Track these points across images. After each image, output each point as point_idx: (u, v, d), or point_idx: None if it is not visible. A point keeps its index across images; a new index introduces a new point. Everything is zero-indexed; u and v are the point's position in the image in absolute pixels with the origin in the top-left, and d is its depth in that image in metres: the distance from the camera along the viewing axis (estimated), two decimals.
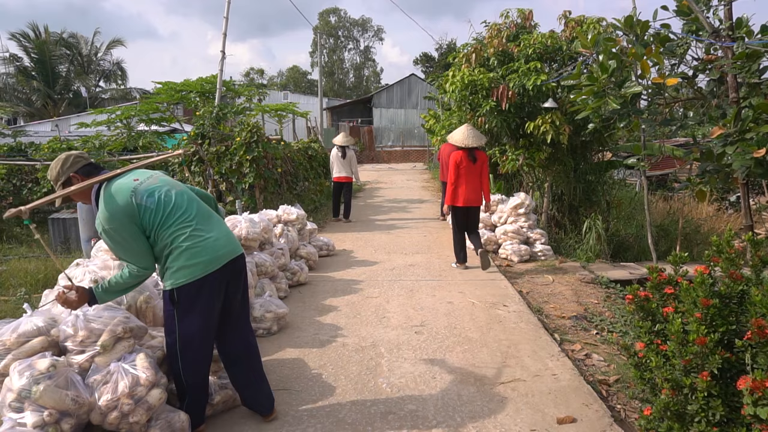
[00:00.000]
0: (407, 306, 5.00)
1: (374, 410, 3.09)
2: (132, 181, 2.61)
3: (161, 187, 2.67)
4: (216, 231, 2.71)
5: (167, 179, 2.79)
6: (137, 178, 2.66)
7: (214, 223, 2.76)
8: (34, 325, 2.56)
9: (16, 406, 2.23)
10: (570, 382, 3.40)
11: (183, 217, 2.62)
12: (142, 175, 2.70)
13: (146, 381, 2.45)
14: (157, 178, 2.73)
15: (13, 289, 6.44)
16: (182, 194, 2.73)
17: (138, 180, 2.64)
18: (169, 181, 2.78)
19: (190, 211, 2.67)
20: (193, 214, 2.67)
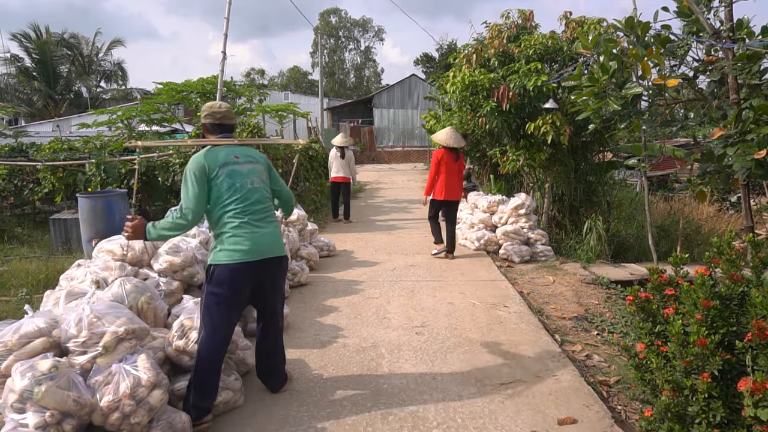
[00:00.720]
0: (408, 307, 5.01)
1: (375, 411, 3.09)
2: (232, 158, 3.01)
3: (244, 176, 3.01)
4: (265, 231, 3.01)
5: (258, 173, 3.12)
6: (237, 156, 3.04)
7: (268, 224, 3.05)
8: (35, 326, 2.57)
9: (18, 406, 2.23)
10: (570, 383, 3.41)
11: (242, 208, 2.94)
12: (243, 158, 3.07)
13: (147, 382, 2.45)
14: (249, 167, 3.07)
15: (14, 290, 6.44)
16: (255, 191, 3.03)
17: (237, 157, 3.03)
18: (257, 174, 3.11)
19: (251, 207, 2.98)
20: (252, 210, 2.98)
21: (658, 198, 13.90)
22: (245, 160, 3.06)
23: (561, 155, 8.89)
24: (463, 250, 7.55)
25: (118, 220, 7.17)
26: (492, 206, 7.84)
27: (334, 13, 61.84)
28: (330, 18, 61.30)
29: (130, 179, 10.13)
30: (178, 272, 3.85)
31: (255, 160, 3.15)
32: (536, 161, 8.63)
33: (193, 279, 3.90)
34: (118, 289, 3.18)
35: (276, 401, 3.22)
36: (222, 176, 2.92)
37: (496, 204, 7.84)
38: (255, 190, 3.02)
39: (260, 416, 3.04)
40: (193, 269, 3.88)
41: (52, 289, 6.54)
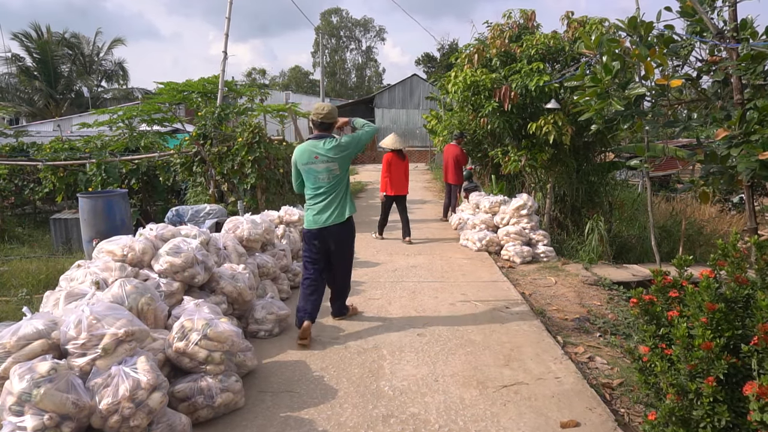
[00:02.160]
0: (409, 308, 4.99)
1: (376, 413, 3.07)
2: (312, 158, 4.22)
3: (317, 166, 4.22)
4: (327, 207, 4.26)
5: (329, 167, 4.23)
6: (317, 156, 4.22)
7: (330, 202, 4.27)
8: (34, 328, 2.55)
9: (16, 409, 2.22)
10: (573, 386, 3.38)
11: (314, 189, 4.28)
12: (321, 158, 4.21)
13: (147, 384, 2.43)
14: (323, 163, 4.22)
15: (14, 290, 6.43)
16: (322, 178, 4.25)
17: (317, 158, 4.21)
18: (328, 169, 4.24)
19: (318, 188, 4.26)
20: (319, 191, 4.26)
21: (660, 198, 13.87)
22: (323, 160, 4.20)
23: (563, 155, 8.86)
24: (465, 250, 7.53)
25: (119, 220, 7.16)
26: (494, 207, 7.82)
27: (335, 13, 61.81)
28: (331, 18, 61.28)
29: (131, 179, 10.13)
30: (178, 273, 3.83)
31: (330, 159, 4.21)
32: (538, 161, 8.61)
33: (193, 280, 3.87)
34: (118, 290, 3.16)
35: (276, 402, 3.20)
36: (304, 172, 4.31)
37: (498, 204, 7.82)
38: (321, 177, 4.24)
39: (261, 419, 3.02)
40: (193, 270, 3.86)
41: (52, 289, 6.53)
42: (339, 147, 4.21)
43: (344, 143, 4.23)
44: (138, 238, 4.03)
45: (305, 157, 4.23)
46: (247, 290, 4.14)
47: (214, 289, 4.07)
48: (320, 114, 4.22)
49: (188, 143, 9.05)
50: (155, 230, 4.24)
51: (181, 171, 9.33)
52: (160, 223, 4.56)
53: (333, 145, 4.19)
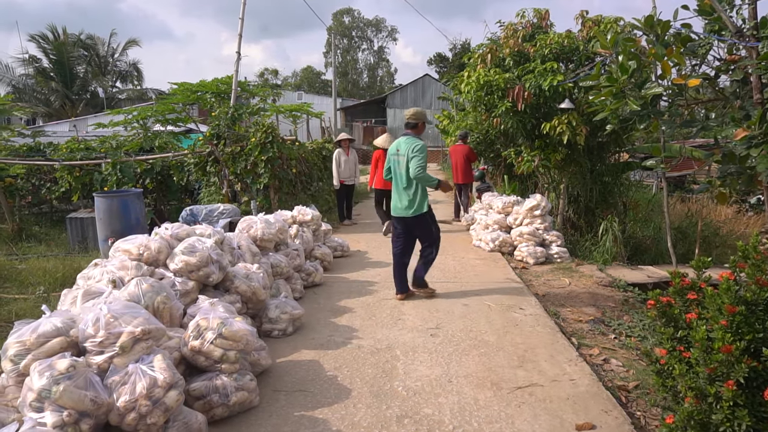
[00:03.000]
0: (422, 308, 4.98)
1: (390, 414, 3.07)
2: (395, 150, 5.17)
3: (397, 158, 5.13)
4: (397, 197, 5.17)
5: (402, 163, 5.04)
6: (399, 149, 5.12)
7: (399, 193, 5.12)
8: (53, 326, 2.58)
9: (36, 405, 2.24)
10: (588, 388, 3.36)
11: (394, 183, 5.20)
12: (402, 152, 5.06)
13: (164, 382, 2.45)
14: (398, 160, 5.12)
15: (32, 288, 6.52)
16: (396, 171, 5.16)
17: (399, 150, 5.12)
18: (399, 164, 5.11)
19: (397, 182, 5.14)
20: (394, 183, 5.19)
21: (675, 199, 13.71)
22: (401, 154, 5.07)
23: (576, 156, 8.79)
24: (478, 251, 7.50)
25: (134, 219, 7.23)
26: (507, 207, 7.78)
27: (347, 13, 61.96)
28: (343, 18, 61.40)
29: (145, 179, 10.22)
30: (193, 272, 3.85)
31: (402, 153, 5.05)
32: (551, 162, 8.55)
33: (208, 279, 3.90)
34: (134, 289, 3.19)
35: (290, 402, 3.22)
36: (390, 162, 5.24)
37: (511, 205, 7.79)
38: (395, 170, 5.15)
39: (275, 418, 3.03)
40: (208, 269, 3.88)
41: (69, 287, 6.62)
42: (408, 147, 4.99)
43: (410, 153, 4.95)
44: (154, 237, 4.07)
45: (392, 149, 5.21)
46: (261, 289, 4.16)
47: (229, 288, 4.09)
48: (407, 116, 5.26)
49: (202, 143, 9.11)
50: (170, 229, 4.28)
51: (195, 171, 9.39)
52: (174, 223, 4.60)
53: (408, 145, 5.00)
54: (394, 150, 5.17)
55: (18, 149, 12.10)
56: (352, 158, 9.78)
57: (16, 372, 2.45)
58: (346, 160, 9.63)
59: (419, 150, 4.92)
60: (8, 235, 9.76)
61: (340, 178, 9.56)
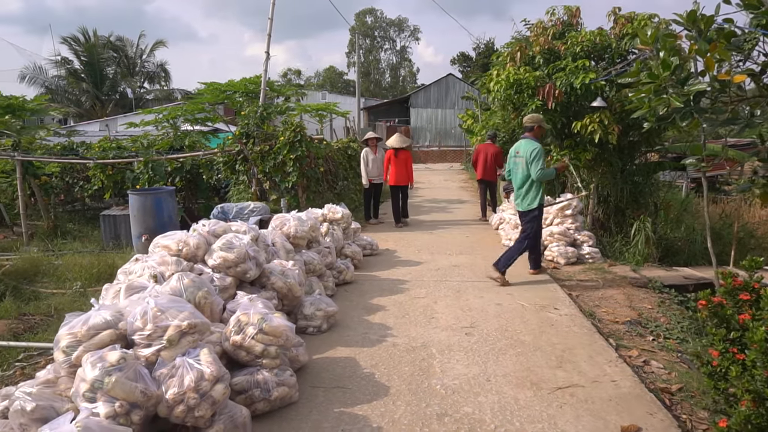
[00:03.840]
0: (455, 307, 4.95)
1: (429, 412, 3.06)
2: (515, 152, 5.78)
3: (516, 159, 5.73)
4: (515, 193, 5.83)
5: (520, 164, 5.64)
6: (518, 151, 5.72)
7: (517, 189, 5.75)
8: (102, 318, 2.62)
9: (89, 396, 2.29)
10: (631, 389, 3.30)
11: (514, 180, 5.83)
12: (521, 153, 5.65)
13: (210, 376, 2.48)
14: (516, 161, 5.73)
15: (69, 283, 6.67)
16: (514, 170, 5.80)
17: (518, 152, 5.70)
18: (517, 164, 5.70)
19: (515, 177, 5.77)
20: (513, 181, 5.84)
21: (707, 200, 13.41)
22: (519, 156, 5.65)
23: (607, 155, 8.66)
24: None
25: (167, 216, 7.34)
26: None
27: (370, 13, 62.05)
28: (366, 18, 61.52)
29: (175, 177, 10.37)
30: (231, 268, 3.90)
31: (521, 155, 5.63)
32: (581, 161, 8.43)
33: (245, 275, 3.93)
34: (176, 284, 3.23)
35: (329, 398, 3.23)
36: (509, 162, 5.84)
37: None
38: (517, 173, 5.69)
39: (315, 414, 3.05)
40: (245, 265, 3.92)
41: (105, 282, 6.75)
42: (525, 150, 5.57)
43: (528, 154, 5.53)
44: (192, 233, 4.12)
45: (512, 150, 5.81)
46: (297, 286, 4.19)
47: (265, 284, 4.12)
48: (525, 120, 5.87)
49: (231, 142, 9.21)
50: (207, 226, 4.33)
51: (224, 169, 9.50)
52: (204, 221, 4.66)
53: (527, 148, 5.56)
54: (514, 152, 5.79)
55: (52, 148, 12.39)
56: (380, 157, 9.77)
57: (68, 363, 2.50)
58: (374, 159, 9.62)
59: (537, 154, 5.48)
60: (44, 231, 10.01)
61: (369, 177, 9.54)
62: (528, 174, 5.60)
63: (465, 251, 7.40)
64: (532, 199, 5.67)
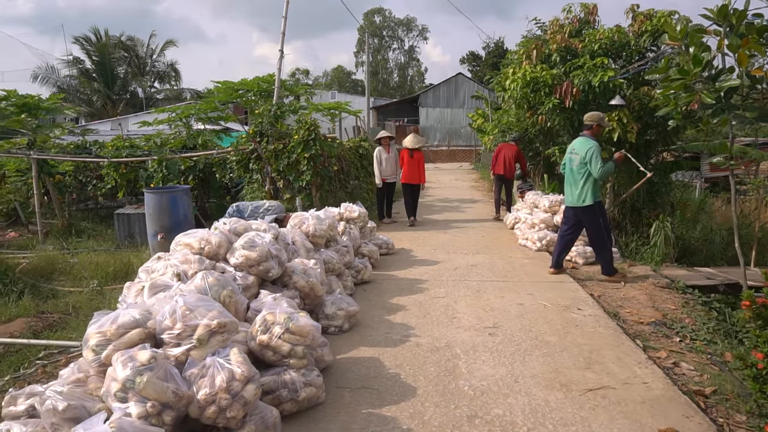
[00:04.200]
0: (476, 307, 4.89)
1: (459, 413, 3.00)
2: (571, 149, 5.83)
3: (570, 155, 5.77)
4: (569, 190, 5.79)
5: (574, 161, 5.67)
6: (574, 149, 5.75)
7: (571, 186, 5.75)
8: (131, 317, 2.59)
9: (120, 396, 2.25)
10: (664, 392, 3.22)
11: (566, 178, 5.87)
12: (576, 150, 5.69)
13: (242, 376, 2.43)
14: (571, 158, 5.74)
15: (86, 281, 6.66)
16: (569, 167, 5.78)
17: (574, 150, 5.76)
18: (571, 159, 5.74)
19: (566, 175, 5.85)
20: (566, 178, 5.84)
21: (721, 200, 13.27)
22: (575, 153, 5.68)
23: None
24: (525, 250, 7.36)
25: (182, 215, 7.32)
26: (554, 206, 7.61)
27: (378, 13, 62.00)
28: (374, 18, 61.47)
29: (188, 176, 10.37)
30: (253, 267, 3.86)
31: (577, 152, 5.66)
32: None
33: (267, 274, 3.89)
34: (200, 282, 3.19)
35: (356, 399, 3.18)
36: (565, 159, 5.91)
37: (558, 204, 7.60)
38: (572, 169, 5.70)
39: (343, 414, 3.00)
40: (268, 264, 3.88)
41: (122, 280, 6.74)
42: (582, 148, 5.59)
43: (585, 149, 5.52)
44: (214, 231, 4.09)
45: (569, 148, 5.88)
46: (319, 285, 4.14)
47: (287, 283, 4.08)
48: (585, 119, 5.86)
49: (245, 140, 9.18)
50: (228, 224, 4.29)
51: (237, 168, 9.48)
52: (224, 219, 4.63)
53: (583, 146, 5.58)
54: (570, 149, 5.83)
55: (65, 147, 12.43)
56: (393, 156, 9.69)
57: (97, 362, 2.47)
58: (387, 158, 9.54)
59: (594, 153, 5.46)
60: (58, 230, 10.04)
61: (382, 176, 9.48)
62: (582, 170, 5.57)
63: (481, 251, 7.33)
64: (586, 194, 5.60)
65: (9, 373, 4.02)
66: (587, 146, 5.53)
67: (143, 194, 11.27)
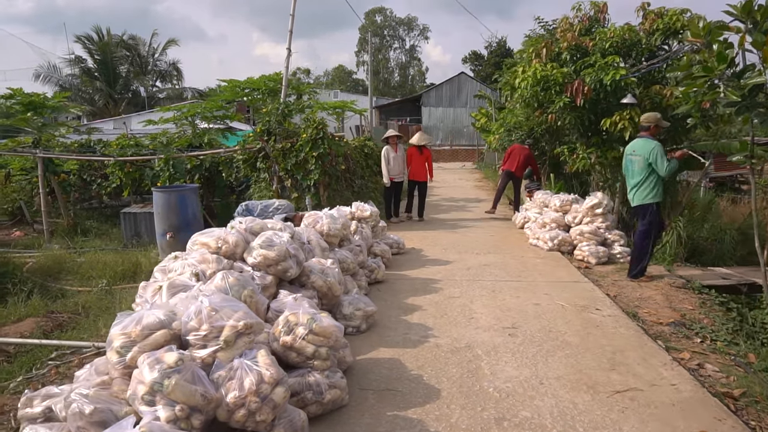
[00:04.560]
0: (493, 307, 4.84)
1: (486, 416, 2.95)
2: (631, 150, 5.79)
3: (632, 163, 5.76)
4: (630, 189, 5.89)
5: (636, 162, 5.67)
6: (635, 150, 5.72)
7: (632, 186, 5.83)
8: (156, 318, 2.53)
9: (148, 399, 2.19)
10: (693, 394, 3.17)
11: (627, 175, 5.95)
12: (636, 152, 5.70)
13: (271, 378, 2.38)
14: (632, 159, 5.74)
15: (94, 281, 6.60)
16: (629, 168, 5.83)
17: (635, 151, 5.72)
18: (631, 161, 5.74)
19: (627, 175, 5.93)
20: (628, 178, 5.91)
21: (726, 200, 13.22)
22: (636, 154, 5.69)
23: None
24: (536, 250, 7.31)
25: (191, 214, 7.26)
26: (565, 205, 7.56)
27: (379, 12, 61.92)
28: (375, 17, 61.39)
29: (194, 175, 10.30)
30: (271, 266, 3.80)
31: (638, 153, 5.65)
32: (608, 159, 8.27)
33: (286, 273, 3.83)
34: (221, 282, 3.13)
35: (380, 401, 3.12)
36: (625, 160, 5.90)
37: (570, 203, 7.56)
38: (633, 170, 5.73)
39: (368, 417, 2.94)
40: (286, 264, 3.82)
41: (130, 279, 6.67)
42: (644, 148, 5.58)
43: (648, 150, 5.54)
44: (230, 230, 4.02)
45: (629, 149, 5.85)
46: (337, 285, 4.09)
47: (304, 283, 4.02)
48: (642, 120, 5.84)
49: (252, 139, 9.12)
50: (244, 223, 4.24)
51: (243, 167, 9.42)
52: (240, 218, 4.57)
53: (645, 147, 5.58)
54: (630, 150, 5.80)
55: (69, 146, 12.35)
56: (401, 155, 9.65)
57: (122, 364, 2.41)
58: (395, 157, 9.50)
59: (659, 153, 5.51)
60: (64, 229, 9.97)
61: (390, 175, 9.42)
62: (645, 171, 5.60)
63: (492, 250, 7.28)
64: (648, 193, 5.66)
65: (21, 374, 3.96)
66: (650, 147, 5.54)
67: (149, 193, 11.24)
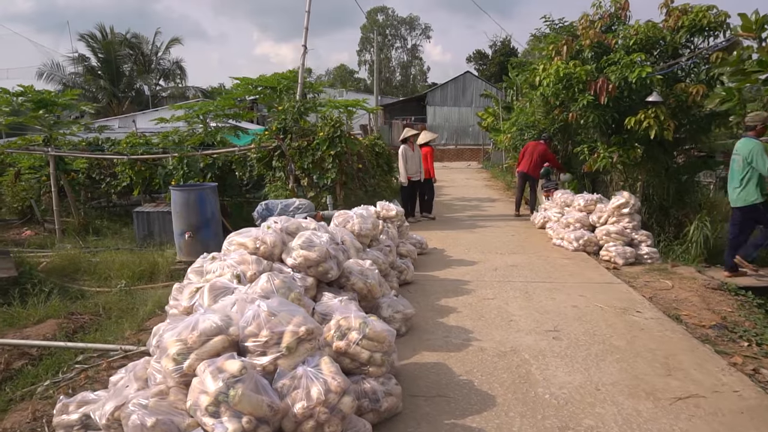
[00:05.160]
0: (530, 309, 4.71)
1: (548, 424, 2.82)
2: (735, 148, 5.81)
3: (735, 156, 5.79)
4: (732, 190, 5.86)
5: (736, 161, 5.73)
6: (736, 150, 5.75)
7: (733, 187, 5.81)
8: (213, 323, 2.39)
9: (212, 410, 2.06)
10: (759, 401, 3.05)
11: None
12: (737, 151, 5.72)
13: (338, 388, 2.25)
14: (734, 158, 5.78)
15: (112, 281, 6.47)
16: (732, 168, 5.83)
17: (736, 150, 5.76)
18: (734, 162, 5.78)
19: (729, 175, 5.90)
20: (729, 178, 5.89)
21: None
22: (737, 153, 5.72)
23: (655, 152, 8.39)
24: (561, 250, 7.18)
25: (210, 213, 7.12)
26: (589, 205, 7.43)
27: (381, 11, 61.73)
28: (377, 16, 61.21)
29: (207, 173, 10.17)
30: (312, 267, 3.67)
31: (738, 152, 5.71)
32: (630, 158, 8.15)
33: (326, 275, 3.70)
34: (266, 284, 3.01)
35: (434, 408, 3.00)
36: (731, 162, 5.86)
37: (594, 203, 7.44)
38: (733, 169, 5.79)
39: (425, 425, 2.82)
40: (327, 265, 3.69)
41: (147, 280, 6.54)
42: (745, 148, 5.61)
43: (747, 150, 5.56)
44: (267, 230, 3.90)
45: (734, 149, 5.86)
46: (377, 286, 3.96)
47: (344, 285, 3.89)
48: (746, 120, 5.66)
49: (268, 137, 8.99)
50: (280, 223, 4.11)
51: (258, 166, 9.29)
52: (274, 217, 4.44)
53: (746, 148, 5.60)
54: (735, 150, 5.83)
55: (77, 144, 12.21)
56: (417, 154, 9.53)
57: (179, 372, 2.27)
58: (412, 156, 9.38)
59: (758, 152, 5.52)
60: (74, 228, 9.83)
61: (408, 174, 9.30)
62: (744, 171, 5.65)
63: (516, 250, 7.15)
64: (748, 193, 5.69)
65: (48, 377, 3.84)
66: (749, 146, 5.58)
67: (159, 192, 11.10)
